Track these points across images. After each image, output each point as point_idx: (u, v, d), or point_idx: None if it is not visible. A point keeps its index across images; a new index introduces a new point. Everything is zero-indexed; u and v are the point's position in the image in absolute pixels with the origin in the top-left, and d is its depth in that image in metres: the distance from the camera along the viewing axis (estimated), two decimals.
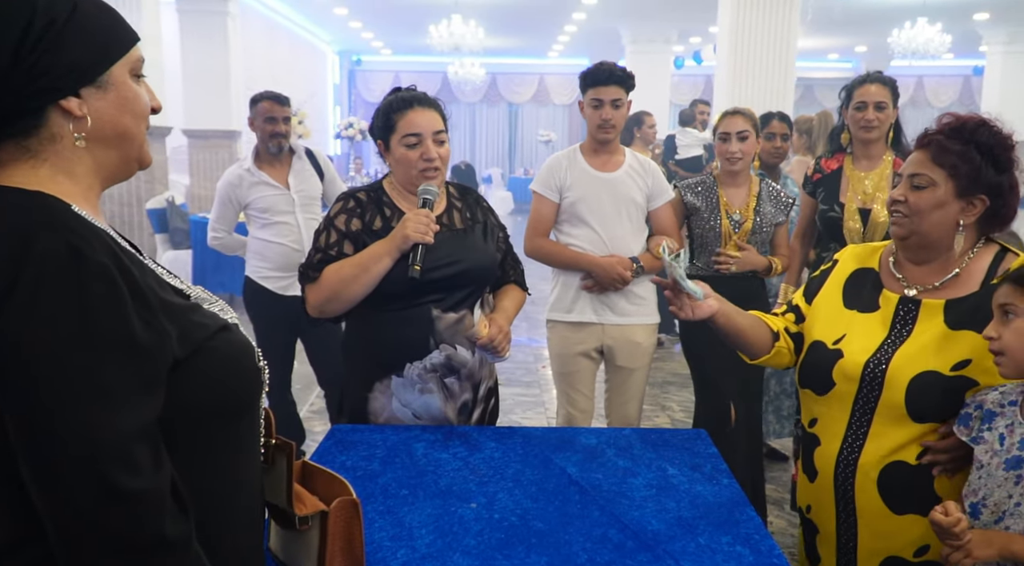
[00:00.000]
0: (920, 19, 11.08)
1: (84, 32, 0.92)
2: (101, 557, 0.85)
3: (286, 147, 3.57)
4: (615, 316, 2.84)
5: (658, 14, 12.04)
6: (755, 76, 7.28)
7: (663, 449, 1.89)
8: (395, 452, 1.84)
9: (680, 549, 1.42)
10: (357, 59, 18.88)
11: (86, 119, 0.93)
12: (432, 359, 2.01)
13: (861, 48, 16.59)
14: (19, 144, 0.91)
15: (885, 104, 2.84)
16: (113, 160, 0.99)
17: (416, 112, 2.00)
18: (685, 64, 15.33)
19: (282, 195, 3.52)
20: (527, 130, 19.94)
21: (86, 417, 0.84)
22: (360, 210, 2.05)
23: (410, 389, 2.01)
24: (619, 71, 2.80)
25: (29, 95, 0.89)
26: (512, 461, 1.81)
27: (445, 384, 2.02)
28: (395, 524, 1.50)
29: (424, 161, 2.00)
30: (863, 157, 2.93)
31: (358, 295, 1.97)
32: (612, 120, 2.78)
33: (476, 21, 11.47)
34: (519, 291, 2.25)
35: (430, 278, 1.96)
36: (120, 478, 0.84)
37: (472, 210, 2.16)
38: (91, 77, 0.93)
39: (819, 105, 19.53)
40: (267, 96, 3.56)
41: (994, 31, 12.68)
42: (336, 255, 2.00)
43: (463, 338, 2.03)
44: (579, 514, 1.56)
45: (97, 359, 0.85)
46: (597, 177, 2.84)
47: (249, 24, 11.12)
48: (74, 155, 0.94)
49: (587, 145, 2.91)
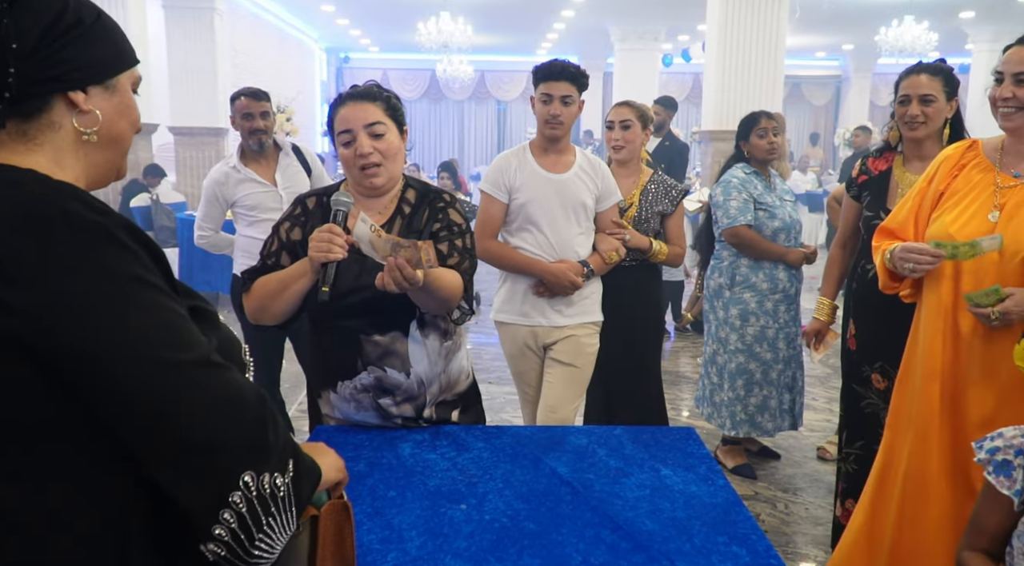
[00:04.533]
0: (907, 17, 11.12)
1: (104, 36, 0.98)
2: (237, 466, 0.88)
3: (268, 143, 3.51)
4: (560, 316, 2.83)
5: (647, 12, 12.03)
6: (744, 74, 7.29)
7: (655, 449, 1.87)
8: (381, 453, 1.81)
9: (675, 549, 1.40)
10: (345, 56, 18.80)
11: (95, 114, 0.97)
12: (361, 380, 1.91)
13: (848, 46, 16.66)
14: (19, 126, 0.93)
15: (933, 97, 2.46)
16: (101, 162, 1.01)
17: (347, 107, 1.86)
18: (673, 62, 15.33)
19: (269, 192, 3.47)
20: (515, 128, 19.91)
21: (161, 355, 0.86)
22: (304, 218, 1.93)
23: (346, 405, 1.95)
24: (572, 68, 2.73)
25: (42, 80, 0.92)
26: (501, 461, 1.78)
27: (380, 404, 1.94)
28: (384, 526, 1.48)
29: (359, 158, 1.85)
30: (914, 157, 2.57)
31: (282, 312, 1.85)
32: (561, 116, 2.72)
33: (464, 18, 11.42)
34: (455, 275, 1.86)
35: (347, 302, 1.81)
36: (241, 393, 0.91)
37: (423, 217, 1.94)
38: (102, 77, 0.98)
39: (807, 103, 19.68)
40: (243, 93, 3.52)
41: (980, 29, 12.78)
42: (273, 265, 1.90)
43: (393, 360, 1.89)
44: (571, 515, 1.53)
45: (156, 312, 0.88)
46: (547, 178, 2.78)
47: (236, 21, 11.04)
48: (69, 148, 0.96)
49: (537, 143, 2.84)
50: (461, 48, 11.76)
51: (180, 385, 0.86)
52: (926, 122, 2.47)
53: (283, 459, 0.93)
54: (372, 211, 1.93)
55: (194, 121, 8.78)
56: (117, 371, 0.84)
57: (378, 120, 1.85)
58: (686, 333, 6.29)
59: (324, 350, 1.96)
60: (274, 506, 0.91)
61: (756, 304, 3.46)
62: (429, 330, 1.93)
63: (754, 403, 3.49)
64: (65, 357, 0.83)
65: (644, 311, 3.26)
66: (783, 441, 3.98)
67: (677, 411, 4.53)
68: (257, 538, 0.90)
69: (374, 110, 1.86)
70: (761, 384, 3.49)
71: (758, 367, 3.48)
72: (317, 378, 2.00)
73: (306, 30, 15.65)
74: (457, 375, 2.03)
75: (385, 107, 1.89)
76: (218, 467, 0.87)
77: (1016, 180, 1.97)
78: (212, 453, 0.87)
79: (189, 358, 0.88)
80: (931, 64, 2.52)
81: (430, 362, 1.94)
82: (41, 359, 0.83)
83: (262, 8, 12.73)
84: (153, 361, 0.85)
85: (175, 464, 0.87)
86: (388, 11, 12.51)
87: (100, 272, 0.85)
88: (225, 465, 0.88)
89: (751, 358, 3.48)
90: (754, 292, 3.47)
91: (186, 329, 0.90)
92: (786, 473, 3.65)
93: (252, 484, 0.88)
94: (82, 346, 0.83)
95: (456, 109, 19.58)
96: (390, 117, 1.89)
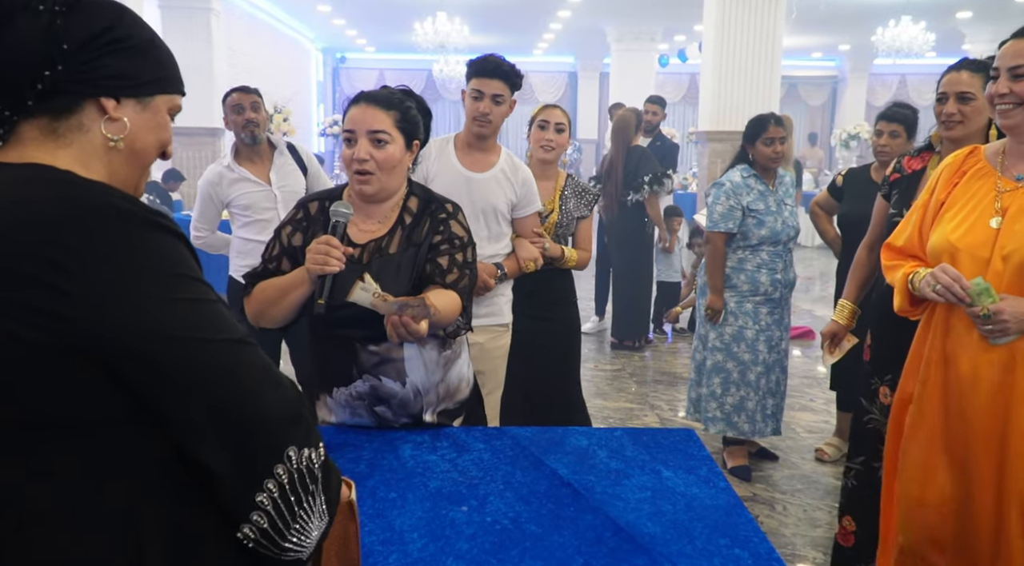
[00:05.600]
0: (904, 18, 11.13)
1: (151, 56, 1.01)
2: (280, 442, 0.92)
3: (261, 136, 3.45)
4: None
5: (643, 12, 12.04)
6: (740, 74, 7.29)
7: (655, 451, 1.87)
8: (381, 454, 1.80)
9: (677, 552, 1.40)
10: (341, 56, 18.77)
11: (123, 122, 0.99)
12: (356, 388, 1.90)
13: (845, 46, 16.68)
14: (49, 124, 0.95)
15: (972, 95, 2.28)
16: (123, 174, 1.02)
17: (358, 107, 1.83)
18: (670, 62, 15.34)
19: (264, 192, 3.43)
20: (512, 128, 19.89)
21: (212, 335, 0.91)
22: (306, 223, 1.90)
23: (343, 411, 1.95)
24: (506, 66, 2.63)
25: (75, 81, 0.94)
26: (502, 463, 1.77)
27: (376, 412, 1.93)
28: (385, 528, 1.47)
29: (355, 161, 1.81)
30: None
31: (282, 317, 1.85)
32: (490, 115, 2.61)
33: (461, 19, 11.42)
34: (452, 298, 1.84)
35: (343, 314, 1.75)
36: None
37: (423, 228, 1.89)
38: (138, 92, 1.00)
39: (803, 103, 19.68)
40: (234, 89, 3.49)
41: (977, 29, 12.80)
42: (274, 269, 1.89)
43: (388, 369, 1.88)
44: (573, 517, 1.52)
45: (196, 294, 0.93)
46: (462, 175, 2.65)
47: (232, 21, 11.01)
48: (95, 152, 0.98)
49: (462, 137, 2.72)
50: (458, 48, 11.75)
51: (230, 361, 0.91)
52: (963, 121, 2.31)
53: (317, 436, 0.97)
54: (372, 219, 1.91)
55: (190, 121, 8.70)
56: (169, 351, 0.88)
57: (382, 128, 1.81)
58: (683, 334, 6.30)
59: (321, 355, 1.94)
60: (312, 483, 0.94)
61: (735, 304, 3.49)
62: (427, 340, 1.90)
63: (730, 402, 3.51)
64: (117, 342, 0.86)
65: (560, 312, 3.19)
66: (780, 443, 3.98)
67: (674, 412, 4.53)
68: (293, 526, 0.94)
69: (382, 118, 1.82)
70: (738, 384, 3.50)
71: (735, 366, 3.50)
72: (313, 382, 1.99)
73: (302, 30, 15.62)
74: (457, 383, 2.02)
75: (398, 118, 1.84)
76: (267, 439, 0.92)
77: (1017, 183, 1.88)
78: (262, 425, 0.91)
79: (234, 337, 0.93)
80: (975, 60, 2.36)
81: (427, 372, 1.93)
82: (91, 349, 0.86)
83: (258, 8, 12.71)
84: (202, 340, 0.90)
85: (225, 439, 0.90)
86: (384, 11, 12.51)
87: (149, 260, 0.90)
88: (273, 438, 0.92)
89: (728, 357, 3.51)
90: (734, 292, 3.49)
91: (225, 313, 0.95)
92: (784, 475, 3.65)
93: (294, 458, 0.93)
94: (135, 327, 0.87)
95: (452, 109, 19.56)
96: (399, 128, 1.84)
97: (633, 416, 4.45)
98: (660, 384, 5.04)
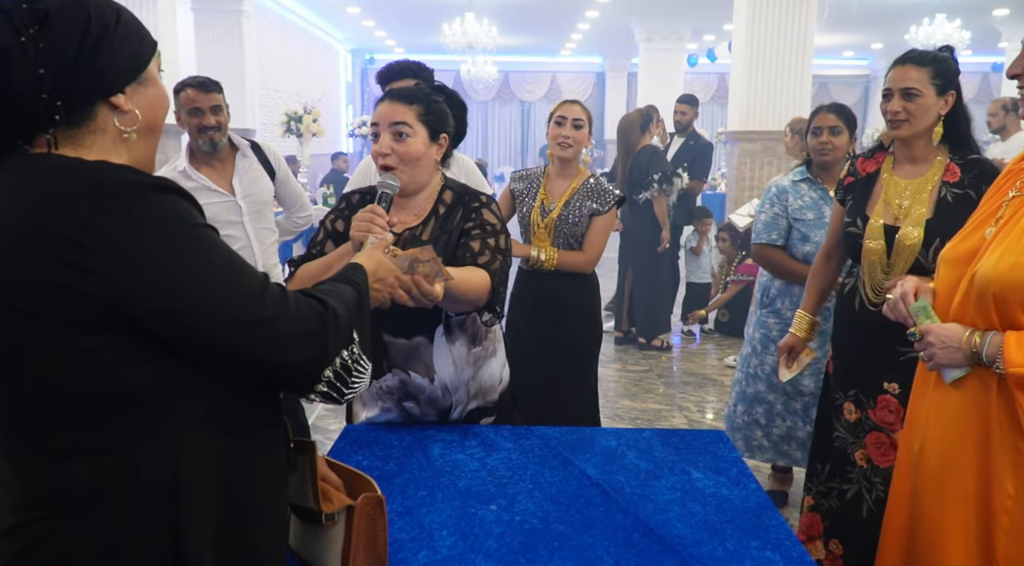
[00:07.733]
0: (938, 15, 10.95)
1: (128, 34, 1.01)
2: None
3: (221, 142, 2.92)
4: None
5: (672, 11, 11.98)
6: (771, 74, 7.22)
7: (684, 451, 1.85)
8: (411, 452, 1.81)
9: (708, 554, 1.39)
10: (370, 58, 18.87)
11: (134, 113, 1.01)
12: (386, 381, 1.92)
13: (877, 45, 16.45)
14: (67, 133, 0.98)
15: (918, 91, 2.11)
16: (142, 153, 1.05)
17: (385, 102, 1.85)
18: (698, 62, 15.24)
19: (227, 202, 2.92)
20: (539, 128, 19.89)
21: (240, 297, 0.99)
22: (348, 212, 1.92)
23: (373, 406, 1.96)
24: (413, 66, 2.64)
25: (87, 92, 0.97)
26: (530, 462, 1.77)
27: (404, 407, 1.95)
28: (414, 525, 1.48)
29: (380, 156, 1.83)
30: (905, 160, 2.23)
31: None
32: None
33: (489, 19, 11.44)
34: (479, 275, 1.78)
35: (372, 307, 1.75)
36: None
37: (456, 217, 1.89)
38: (135, 74, 1.02)
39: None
40: (189, 83, 2.96)
41: (1014, 27, 12.55)
42: (318, 254, 1.90)
43: (417, 365, 1.88)
44: (602, 517, 1.52)
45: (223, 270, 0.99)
46: None
47: (263, 23, 11.13)
48: (112, 146, 1.01)
49: None
50: (485, 49, 11.79)
51: (276, 294, 1.01)
52: (909, 120, 2.13)
53: (347, 335, 1.09)
54: (408, 211, 1.91)
55: None
56: (212, 298, 0.95)
57: (404, 121, 1.81)
58: (712, 335, 6.25)
59: None
60: (355, 367, 1.10)
61: (779, 332, 3.07)
62: (456, 336, 1.91)
63: (778, 433, 3.17)
64: (155, 304, 0.92)
65: (578, 322, 3.00)
66: None
67: (702, 413, 4.50)
68: (350, 383, 1.09)
69: (405, 111, 1.82)
70: (783, 415, 3.15)
71: (777, 398, 3.14)
72: None
73: (332, 32, 15.74)
74: (490, 383, 2.01)
75: (422, 111, 1.83)
76: (323, 351, 1.04)
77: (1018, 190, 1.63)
78: (318, 339, 1.03)
79: (264, 277, 1.03)
80: (920, 52, 2.18)
81: (456, 368, 1.93)
82: (121, 320, 0.91)
83: (288, 10, 12.83)
84: (243, 284, 0.99)
85: (287, 359, 1.01)
86: (413, 12, 12.56)
87: (172, 220, 0.95)
88: (328, 347, 1.04)
89: (770, 389, 3.14)
90: (778, 319, 3.12)
91: (237, 256, 1.02)
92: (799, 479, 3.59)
93: (339, 361, 1.07)
94: (169, 282, 0.92)
95: (480, 110, 19.60)
96: (422, 121, 1.83)
97: (661, 417, 4.42)
98: (688, 385, 5.00)
